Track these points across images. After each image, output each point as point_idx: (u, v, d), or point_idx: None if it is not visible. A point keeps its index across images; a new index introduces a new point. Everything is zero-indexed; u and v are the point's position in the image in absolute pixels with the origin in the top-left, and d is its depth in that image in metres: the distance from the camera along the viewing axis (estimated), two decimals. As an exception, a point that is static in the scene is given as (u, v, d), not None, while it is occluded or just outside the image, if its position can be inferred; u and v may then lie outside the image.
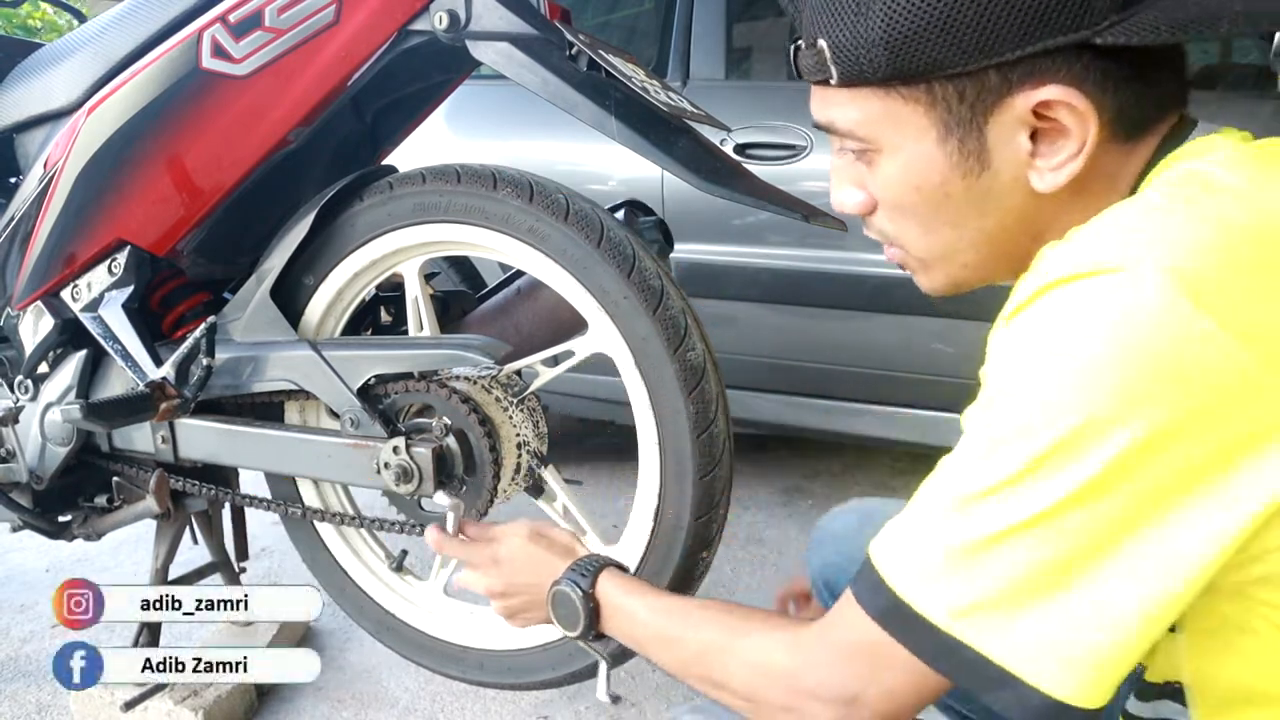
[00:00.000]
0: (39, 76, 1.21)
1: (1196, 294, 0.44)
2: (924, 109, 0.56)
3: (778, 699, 0.61)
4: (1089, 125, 0.52)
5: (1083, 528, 0.46)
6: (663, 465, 1.02)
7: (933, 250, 0.62)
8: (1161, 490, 0.45)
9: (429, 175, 1.08)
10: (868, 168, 0.61)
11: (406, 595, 1.31)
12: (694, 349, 0.99)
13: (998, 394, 0.50)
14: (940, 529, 0.51)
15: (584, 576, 0.81)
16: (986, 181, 0.57)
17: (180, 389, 1.15)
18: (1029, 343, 0.49)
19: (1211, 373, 0.44)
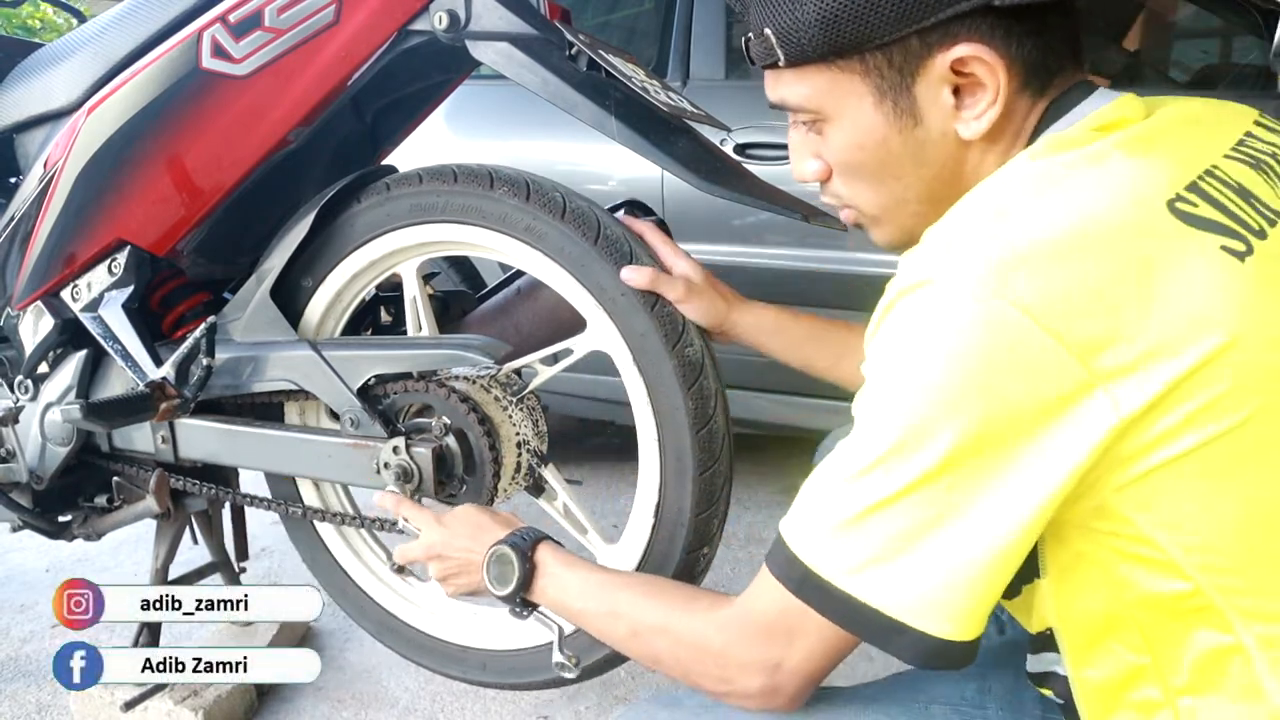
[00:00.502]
0: (39, 76, 1.21)
1: (999, 290, 0.52)
2: (860, 77, 0.64)
3: (711, 673, 0.69)
4: (999, 75, 0.61)
5: (933, 498, 0.56)
6: (662, 462, 1.03)
7: (883, 203, 0.70)
8: (990, 461, 0.55)
9: (426, 176, 1.08)
10: (820, 137, 0.70)
11: (408, 596, 1.31)
12: (692, 345, 0.99)
13: (868, 392, 0.59)
14: (831, 505, 0.60)
15: (524, 541, 0.86)
16: (920, 134, 0.65)
17: (180, 389, 1.15)
18: (884, 349, 0.58)
19: (1016, 354, 0.53)
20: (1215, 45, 2.94)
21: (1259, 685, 0.57)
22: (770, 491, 2.42)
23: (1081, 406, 0.53)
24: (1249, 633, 0.57)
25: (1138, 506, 0.56)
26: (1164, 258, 0.54)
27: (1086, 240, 0.54)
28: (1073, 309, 0.52)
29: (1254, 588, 0.57)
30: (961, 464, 0.55)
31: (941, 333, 0.54)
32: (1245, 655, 0.57)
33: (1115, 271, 0.53)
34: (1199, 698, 0.59)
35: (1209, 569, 0.56)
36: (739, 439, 1.05)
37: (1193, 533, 0.56)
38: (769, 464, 2.59)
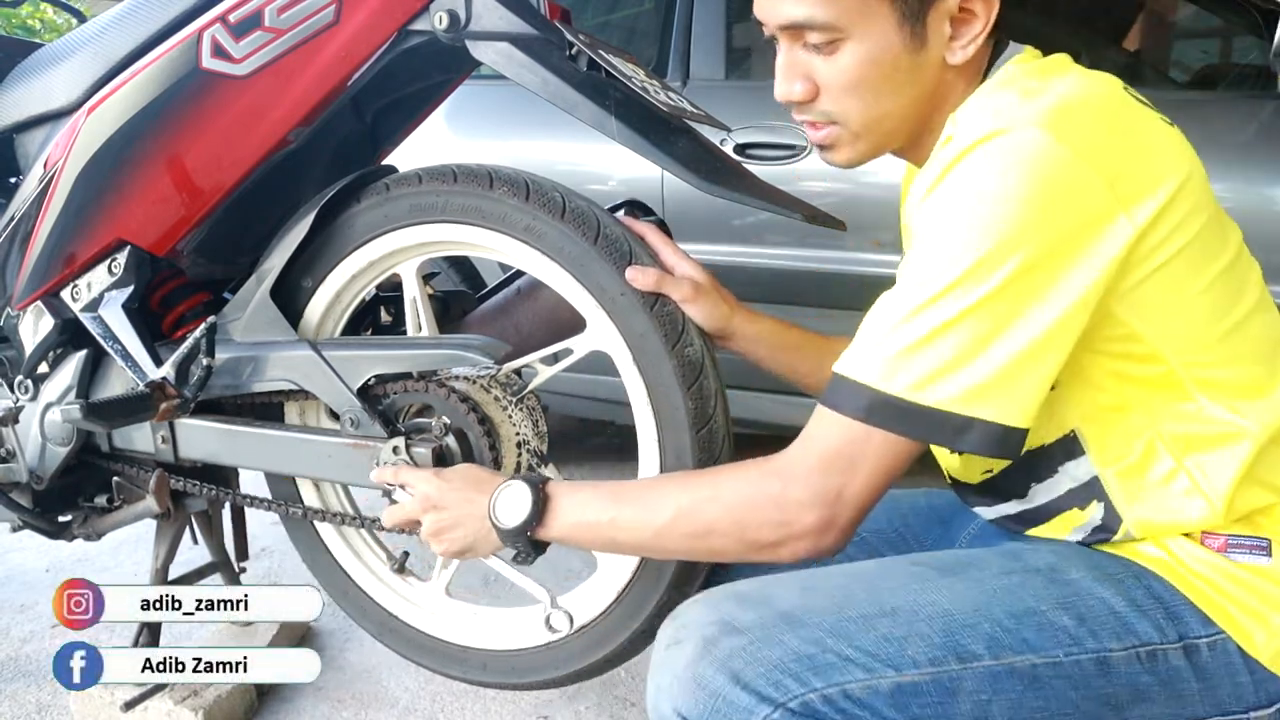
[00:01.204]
0: (39, 76, 1.21)
1: (1057, 133, 0.67)
2: (889, 3, 0.75)
3: (771, 518, 0.75)
4: (992, 11, 0.76)
5: (995, 315, 0.68)
6: (662, 462, 1.03)
7: (869, 119, 0.80)
8: (1045, 275, 0.68)
9: (425, 176, 1.08)
10: (826, 57, 0.78)
11: (408, 596, 1.31)
12: (691, 345, 0.99)
13: (930, 240, 0.70)
14: (896, 336, 0.70)
15: (536, 477, 0.88)
16: (921, 57, 0.78)
17: (180, 389, 1.15)
18: (951, 196, 0.70)
19: (1072, 187, 0.67)
20: (1215, 45, 2.94)
21: (1232, 423, 0.74)
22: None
23: (1111, 225, 0.68)
24: (1204, 395, 0.74)
25: (1131, 308, 0.72)
26: (1139, 121, 0.74)
27: (1094, 105, 0.72)
28: (1104, 152, 0.68)
29: (1200, 361, 0.74)
30: (1022, 280, 0.67)
31: (1021, 171, 0.66)
32: (1208, 411, 0.74)
33: (1118, 126, 0.72)
34: (1198, 453, 0.75)
35: (1175, 351, 0.73)
36: (739, 439, 1.05)
37: (1165, 323, 0.73)
38: (769, 464, 2.59)
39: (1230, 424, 0.74)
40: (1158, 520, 0.77)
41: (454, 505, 0.91)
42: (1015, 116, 0.69)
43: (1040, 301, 0.68)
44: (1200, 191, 0.73)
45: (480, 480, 0.93)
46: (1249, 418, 0.74)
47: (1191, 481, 0.75)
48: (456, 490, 0.92)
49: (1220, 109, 1.85)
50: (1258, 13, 1.80)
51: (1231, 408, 0.74)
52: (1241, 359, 0.75)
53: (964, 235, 0.68)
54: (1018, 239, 0.66)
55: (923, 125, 0.82)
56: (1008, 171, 0.67)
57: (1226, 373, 0.75)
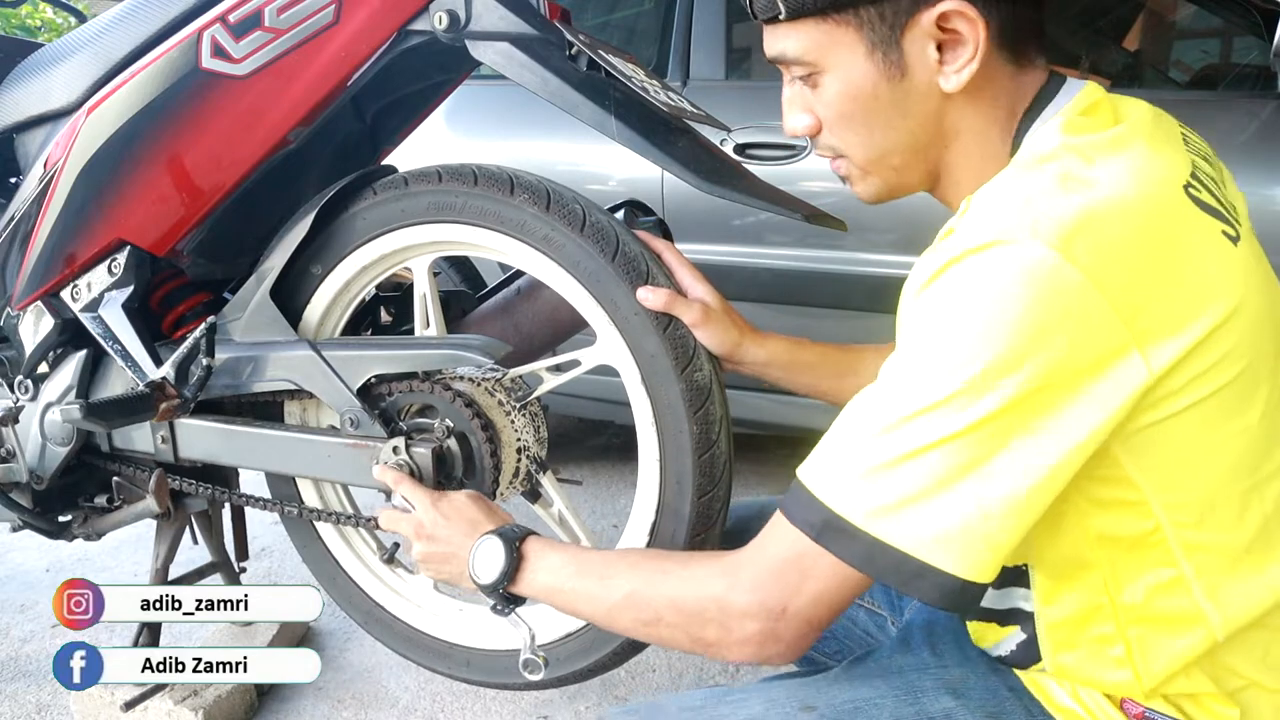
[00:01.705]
0: (39, 76, 1.21)
1: (1064, 250, 0.58)
2: (854, 30, 0.69)
3: (712, 619, 0.70)
4: (978, 30, 0.66)
5: (975, 448, 0.60)
6: (663, 482, 1.02)
7: (871, 154, 0.75)
8: (1035, 413, 0.59)
9: (446, 174, 1.07)
10: (814, 91, 0.74)
11: (396, 588, 1.31)
12: (700, 370, 0.98)
13: (914, 348, 0.63)
14: (863, 451, 0.63)
15: (513, 533, 0.87)
16: (906, 85, 0.70)
17: (180, 389, 1.15)
18: (940, 306, 0.62)
19: (1076, 315, 0.58)
20: (1215, 45, 2.94)
21: (1198, 609, 0.65)
22: (770, 492, 2.42)
23: (1120, 365, 0.59)
24: (1189, 563, 0.65)
25: (1132, 453, 0.63)
26: (1186, 236, 0.63)
27: (1133, 212, 0.61)
28: (1121, 275, 0.59)
29: (1201, 521, 0.65)
30: (1009, 414, 0.59)
31: (1016, 288, 0.58)
32: (1185, 584, 0.65)
33: (1153, 245, 0.61)
34: (1146, 628, 0.67)
35: (1171, 506, 0.64)
36: (739, 439, 1.04)
37: (1169, 475, 0.64)
38: (769, 464, 2.59)
39: (1196, 609, 0.66)
40: (1078, 672, 0.71)
41: (444, 542, 0.93)
42: (1028, 222, 0.59)
43: (1028, 441, 0.59)
44: (1246, 330, 0.63)
45: (474, 522, 0.92)
46: (1221, 604, 0.65)
47: (1127, 653, 0.68)
48: (449, 527, 0.93)
49: (1220, 109, 1.85)
50: (1258, 13, 1.80)
51: (1210, 587, 0.65)
52: (1250, 524, 0.66)
53: (951, 353, 0.60)
54: (1008, 366, 0.58)
55: (937, 166, 0.75)
56: (1006, 290, 0.58)
57: (1228, 538, 0.65)
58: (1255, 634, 0.67)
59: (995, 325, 0.58)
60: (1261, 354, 0.65)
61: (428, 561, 0.95)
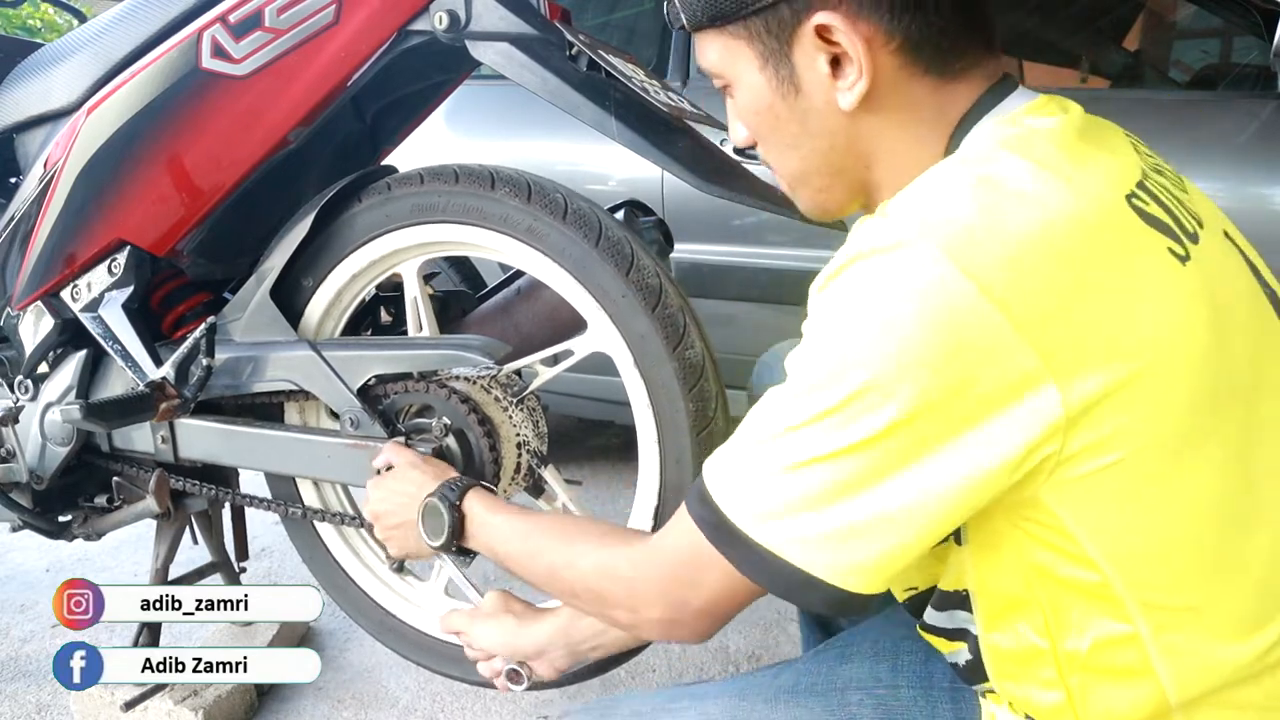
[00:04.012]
0: (39, 76, 1.21)
1: (967, 268, 0.52)
2: (746, 43, 0.66)
3: (621, 603, 0.71)
4: (858, 44, 0.61)
5: (864, 461, 0.56)
6: (662, 464, 1.03)
7: (791, 171, 0.71)
8: (931, 435, 0.54)
9: (427, 176, 1.08)
10: (733, 103, 0.71)
11: (407, 595, 1.31)
12: (693, 347, 0.99)
13: (811, 347, 0.59)
14: (756, 456, 0.61)
15: (453, 491, 0.88)
16: (804, 103, 0.66)
17: (180, 389, 1.15)
18: (835, 307, 0.58)
19: (971, 332, 0.52)
20: (1215, 45, 2.94)
21: (1149, 668, 0.59)
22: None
23: (1031, 397, 0.53)
24: (1146, 622, 0.58)
25: (1066, 505, 0.57)
26: (1121, 253, 0.56)
27: (1057, 230, 0.54)
28: (1038, 301, 0.53)
29: (1159, 584, 0.58)
30: (901, 432, 0.54)
31: (904, 300, 0.54)
32: (1139, 643, 0.59)
33: (1079, 266, 0.54)
34: (1089, 677, 0.62)
35: (1120, 565, 0.58)
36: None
37: (1112, 534, 0.57)
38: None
39: (1147, 668, 0.59)
40: (1025, 703, 0.67)
41: (391, 516, 0.96)
42: (930, 228, 0.55)
43: (917, 463, 0.55)
44: (1190, 366, 0.55)
45: (419, 484, 0.94)
46: (1177, 668, 0.59)
47: (1068, 700, 0.63)
48: (394, 500, 0.96)
49: (1220, 109, 1.85)
50: (1258, 13, 1.80)
51: (1167, 648, 0.58)
52: (1225, 589, 0.59)
53: (838, 363, 0.56)
54: (893, 383, 0.53)
55: (864, 186, 0.70)
56: (896, 300, 0.54)
57: (1196, 601, 0.59)
58: (1222, 714, 0.61)
59: (881, 337, 0.54)
60: (1215, 392, 0.57)
61: (387, 542, 0.97)
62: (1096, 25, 2.50)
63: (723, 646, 1.70)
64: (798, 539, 0.58)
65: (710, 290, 1.96)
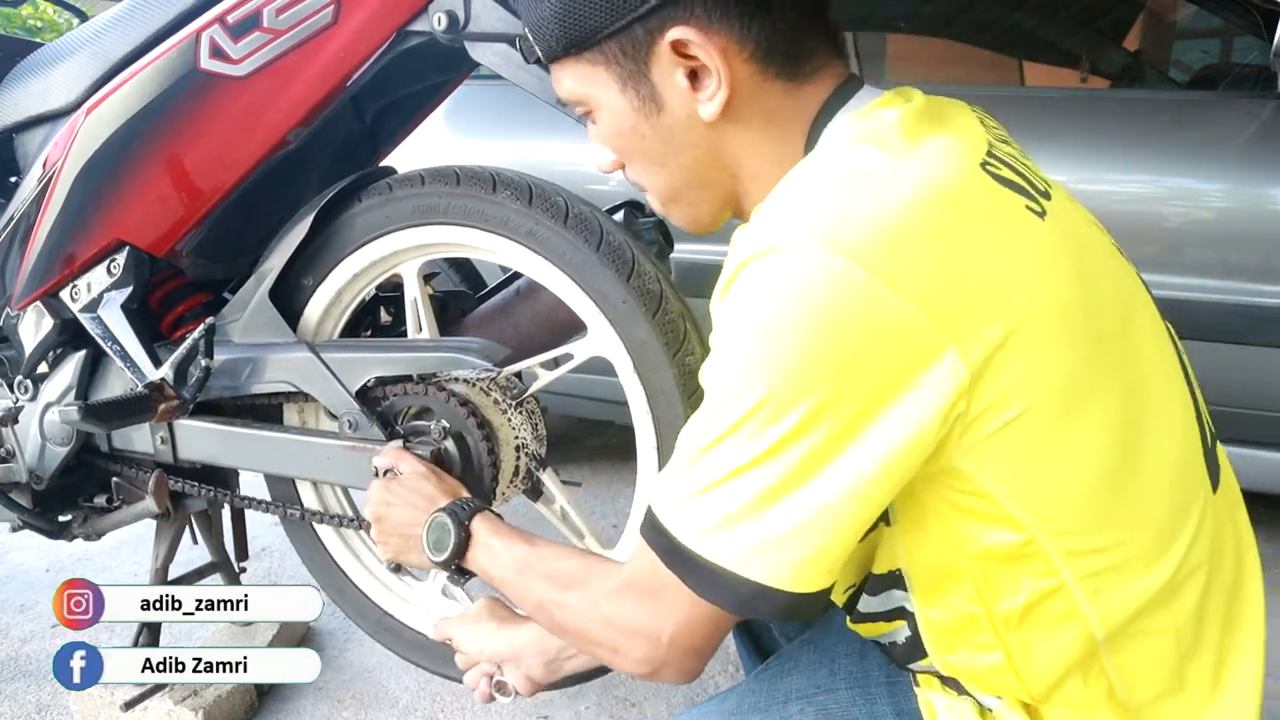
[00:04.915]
0: (38, 76, 1.21)
1: (845, 252, 0.54)
2: (603, 68, 0.67)
3: (604, 641, 0.71)
4: (714, 55, 0.63)
5: (786, 463, 0.57)
6: (661, 469, 1.02)
7: (661, 189, 0.73)
8: (845, 425, 0.56)
9: (429, 177, 1.08)
10: (595, 129, 0.72)
11: (405, 596, 1.31)
12: (693, 354, 0.99)
13: (715, 362, 0.60)
14: (688, 476, 0.62)
15: (464, 511, 0.88)
16: (667, 120, 0.67)
17: (179, 390, 1.15)
18: (730, 319, 0.59)
19: (865, 315, 0.54)
20: (1215, 45, 2.94)
21: (1078, 612, 0.62)
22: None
23: (935, 366, 0.54)
24: (1070, 571, 0.61)
25: (979, 465, 0.59)
26: (987, 214, 0.59)
27: (921, 202, 0.56)
28: (919, 270, 0.54)
29: (1078, 529, 0.61)
30: (815, 429, 0.56)
31: (790, 298, 0.55)
32: (1066, 591, 0.62)
33: (950, 232, 0.56)
34: (1025, 633, 0.64)
35: (1037, 516, 0.60)
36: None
37: (1025, 486, 0.59)
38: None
39: (1074, 611, 0.62)
40: (964, 671, 0.69)
41: (395, 523, 0.95)
42: (809, 224, 0.56)
43: (838, 455, 0.56)
44: (1063, 313, 0.58)
45: (430, 498, 0.94)
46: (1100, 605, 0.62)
47: (1007, 659, 0.65)
48: (400, 508, 0.95)
49: (1220, 109, 1.85)
50: (1258, 13, 1.80)
51: (1091, 590, 0.62)
52: (1129, 533, 0.62)
53: (743, 371, 0.57)
54: (802, 379, 0.55)
55: (732, 195, 0.72)
56: (786, 300, 0.55)
57: (1112, 540, 0.62)
58: (1139, 641, 0.64)
59: (776, 341, 0.55)
60: (1091, 336, 0.60)
61: (384, 544, 0.97)
62: (1096, 25, 2.50)
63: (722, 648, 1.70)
64: (740, 549, 0.59)
65: (710, 290, 1.96)
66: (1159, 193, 1.78)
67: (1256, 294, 1.66)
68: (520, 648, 0.91)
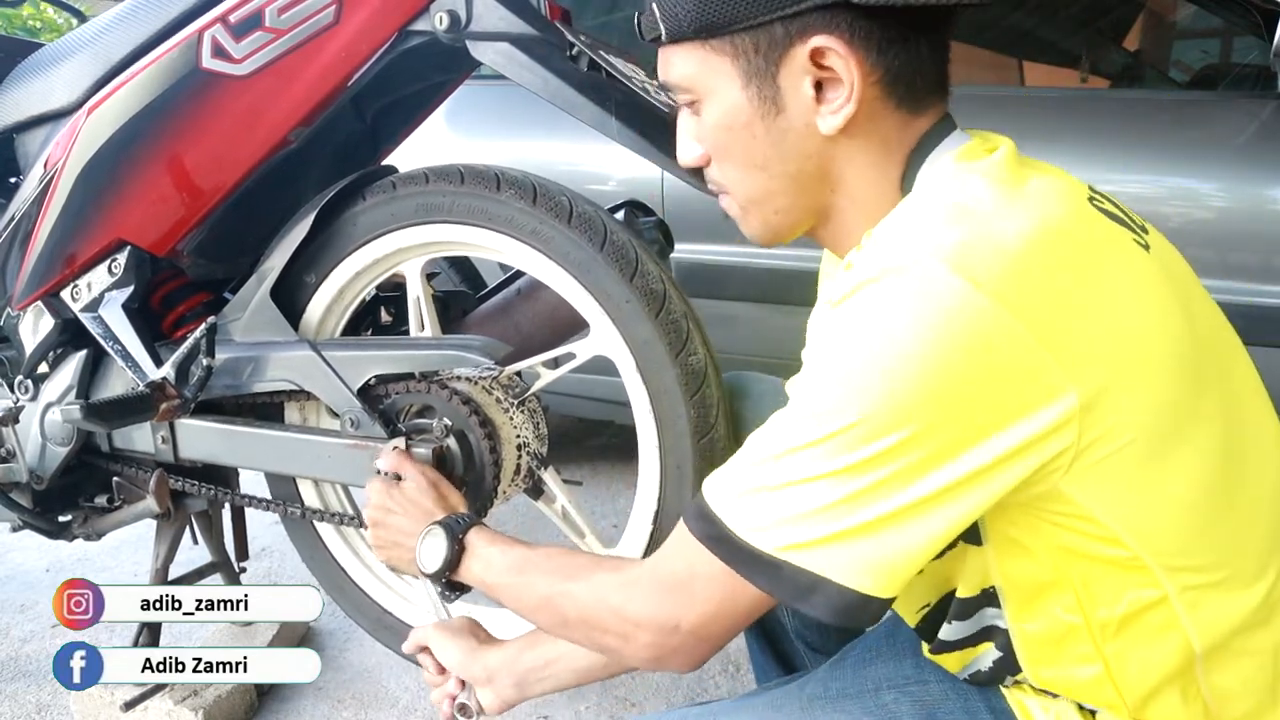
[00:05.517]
0: (39, 76, 1.21)
1: (972, 278, 0.54)
2: (730, 59, 0.66)
3: (612, 629, 0.70)
4: (853, 70, 0.63)
5: (857, 485, 0.57)
6: (663, 469, 1.02)
7: (751, 192, 0.72)
8: (924, 460, 0.56)
9: (433, 175, 1.08)
10: (697, 120, 0.71)
11: (404, 595, 1.31)
12: (695, 353, 0.99)
13: (818, 372, 0.60)
14: (751, 472, 0.62)
15: (459, 525, 0.88)
16: (783, 124, 0.67)
17: (180, 389, 1.15)
18: (844, 331, 0.58)
19: (988, 348, 0.54)
20: (1215, 45, 2.95)
21: (1177, 624, 0.62)
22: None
23: (1050, 405, 0.55)
24: (1173, 584, 0.61)
25: (1083, 490, 0.58)
26: (1102, 249, 0.60)
27: (1043, 235, 0.57)
28: (1044, 303, 0.55)
29: (1176, 549, 0.61)
30: (904, 456, 0.56)
31: (909, 321, 0.55)
32: (1168, 603, 0.62)
33: (1070, 265, 0.57)
34: (1123, 643, 0.64)
35: (1142, 538, 0.60)
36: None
37: (1131, 511, 0.59)
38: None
39: (1174, 621, 0.62)
40: (1060, 685, 0.69)
41: (393, 529, 0.95)
42: (936, 247, 0.56)
43: (931, 477, 0.56)
44: (1172, 345, 0.59)
45: (426, 511, 0.94)
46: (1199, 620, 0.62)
47: (1106, 670, 0.65)
48: (399, 515, 0.95)
49: (1220, 109, 1.85)
50: (1258, 13, 1.80)
51: (1191, 603, 0.62)
52: (1230, 552, 0.63)
53: (843, 388, 0.57)
54: (907, 410, 0.55)
55: (823, 210, 0.71)
56: (902, 320, 0.55)
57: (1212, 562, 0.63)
58: (1236, 660, 0.64)
59: (893, 358, 0.55)
60: (1195, 364, 0.61)
61: (379, 549, 0.97)
62: (1096, 25, 2.50)
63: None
64: (808, 543, 0.59)
65: (710, 290, 1.96)
66: (1159, 193, 1.78)
67: (1256, 294, 1.66)
68: (492, 668, 0.91)
